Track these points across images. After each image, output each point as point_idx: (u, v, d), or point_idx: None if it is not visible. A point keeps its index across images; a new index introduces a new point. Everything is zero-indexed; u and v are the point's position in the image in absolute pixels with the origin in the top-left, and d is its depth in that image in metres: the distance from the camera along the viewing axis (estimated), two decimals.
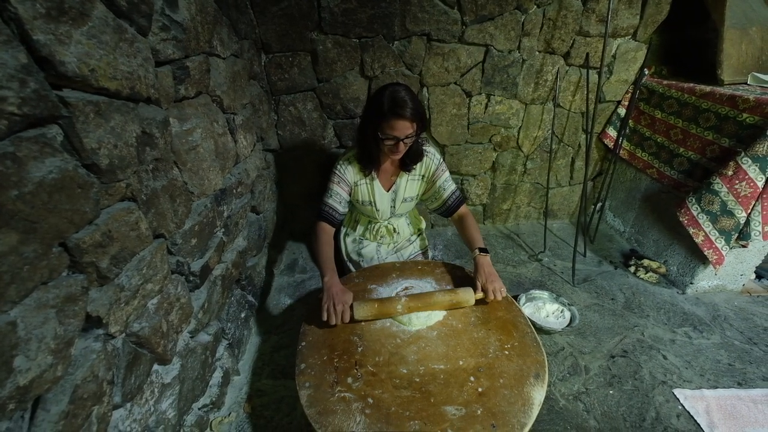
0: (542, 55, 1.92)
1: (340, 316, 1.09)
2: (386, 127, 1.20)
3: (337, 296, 1.12)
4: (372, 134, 1.25)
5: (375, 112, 1.22)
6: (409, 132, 1.21)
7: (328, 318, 1.08)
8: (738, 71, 1.79)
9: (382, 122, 1.20)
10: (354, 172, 1.42)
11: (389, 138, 1.22)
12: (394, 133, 1.20)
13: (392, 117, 1.18)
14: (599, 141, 2.25)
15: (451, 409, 0.88)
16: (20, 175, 0.51)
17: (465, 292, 1.18)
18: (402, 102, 1.17)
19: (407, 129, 1.20)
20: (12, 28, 0.51)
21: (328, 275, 1.19)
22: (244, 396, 1.29)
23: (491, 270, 1.23)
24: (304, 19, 1.64)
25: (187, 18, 0.98)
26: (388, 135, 1.21)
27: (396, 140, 1.22)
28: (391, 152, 1.27)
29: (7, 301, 0.50)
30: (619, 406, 1.28)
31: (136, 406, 0.81)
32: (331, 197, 1.39)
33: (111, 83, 0.68)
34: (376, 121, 1.22)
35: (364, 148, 1.34)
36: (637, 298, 1.80)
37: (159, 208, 0.87)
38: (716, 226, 1.58)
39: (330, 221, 1.38)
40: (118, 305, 0.73)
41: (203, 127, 1.10)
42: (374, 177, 1.44)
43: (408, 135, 1.22)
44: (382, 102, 1.19)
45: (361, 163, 1.39)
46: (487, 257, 1.28)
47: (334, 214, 1.39)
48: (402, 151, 1.27)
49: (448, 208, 1.47)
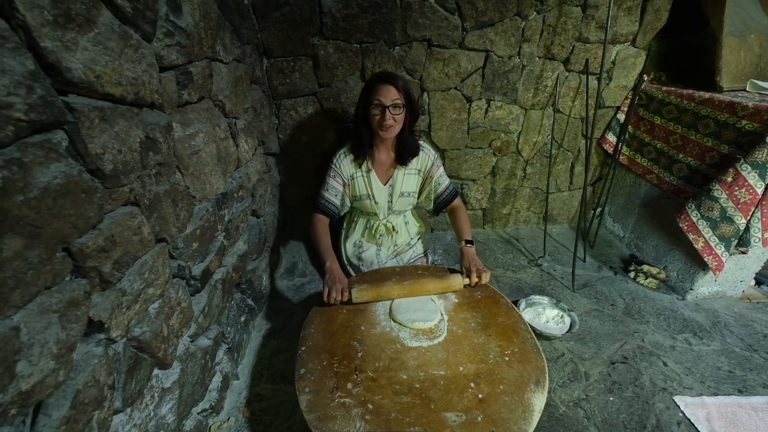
0: (542, 60, 1.93)
1: (340, 293, 1.18)
2: (373, 95, 1.28)
3: (337, 277, 1.23)
4: (363, 111, 1.33)
5: (365, 88, 1.33)
6: (395, 99, 1.27)
7: (329, 296, 1.17)
8: (737, 78, 1.80)
9: (371, 93, 1.29)
10: (349, 165, 1.46)
11: (376, 105, 1.28)
12: (381, 98, 1.26)
13: (379, 82, 1.28)
14: (599, 146, 2.26)
15: (451, 415, 0.88)
16: (26, 180, 0.52)
17: (453, 276, 1.29)
18: (390, 74, 1.31)
19: (393, 95, 1.26)
20: (20, 35, 0.51)
21: (329, 260, 1.29)
22: (243, 401, 1.29)
23: (475, 258, 1.35)
24: (306, 25, 1.66)
25: (191, 24, 0.99)
26: (375, 101, 1.27)
27: (383, 108, 1.27)
28: (380, 127, 1.31)
29: (11, 306, 0.51)
30: (620, 413, 1.28)
31: (137, 410, 0.81)
32: (327, 190, 1.46)
33: (116, 89, 0.69)
34: (365, 96, 1.31)
35: (357, 133, 1.40)
36: (637, 303, 1.80)
37: (161, 212, 0.88)
38: (716, 233, 1.59)
39: (326, 213, 1.45)
40: (119, 310, 0.73)
41: (205, 131, 1.10)
42: (370, 168, 1.46)
43: (395, 103, 1.27)
44: (372, 78, 1.32)
45: (355, 152, 1.43)
46: (472, 248, 1.38)
47: (330, 207, 1.45)
48: (389, 125, 1.31)
49: (443, 201, 1.54)
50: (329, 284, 1.20)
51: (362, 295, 1.22)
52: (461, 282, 1.28)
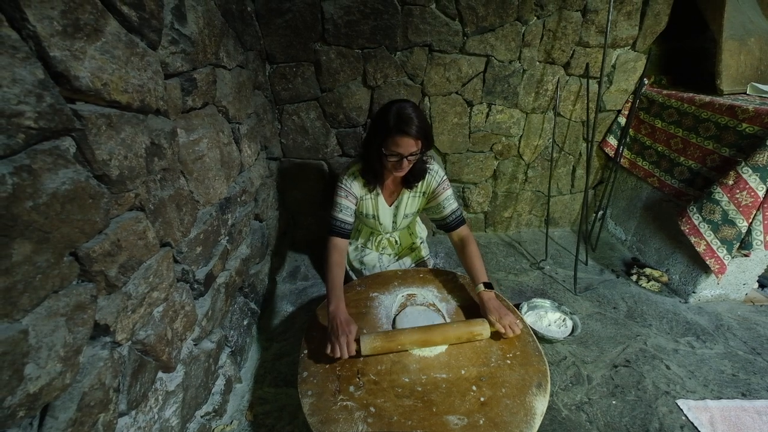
0: (543, 65, 1.94)
1: (345, 348, 1.02)
2: (391, 144, 1.18)
3: (341, 327, 1.06)
4: (376, 150, 1.23)
5: (380, 128, 1.20)
6: (413, 150, 1.19)
7: (332, 350, 1.03)
8: (737, 81, 1.81)
9: (387, 138, 1.18)
10: (359, 187, 1.40)
11: (393, 155, 1.20)
12: (399, 150, 1.18)
13: (397, 134, 1.16)
14: (600, 150, 2.27)
15: (453, 418, 0.88)
16: (35, 186, 0.53)
17: (480, 326, 1.10)
18: (408, 119, 1.15)
19: (411, 147, 1.18)
20: (30, 45, 0.53)
21: (334, 304, 1.14)
22: (246, 404, 1.29)
23: (498, 305, 1.17)
24: (308, 31, 1.68)
25: (195, 31, 1.00)
26: (393, 152, 1.19)
27: (400, 157, 1.20)
28: (395, 169, 1.25)
29: (20, 310, 0.52)
30: (623, 416, 1.27)
31: (141, 413, 0.81)
32: (341, 211, 1.35)
33: (122, 96, 0.70)
34: (381, 137, 1.20)
35: (369, 164, 1.32)
36: (639, 306, 1.80)
37: (166, 217, 0.89)
38: (718, 236, 1.59)
39: (342, 234, 1.35)
40: (125, 313, 0.74)
41: (209, 137, 1.12)
42: (379, 193, 1.44)
43: (412, 153, 1.19)
44: (388, 118, 1.17)
45: (365, 178, 1.37)
46: (492, 293, 1.21)
47: (345, 227, 1.36)
48: (405, 169, 1.25)
49: (447, 226, 1.43)
50: (333, 338, 1.04)
51: (372, 347, 1.05)
52: (489, 332, 1.10)
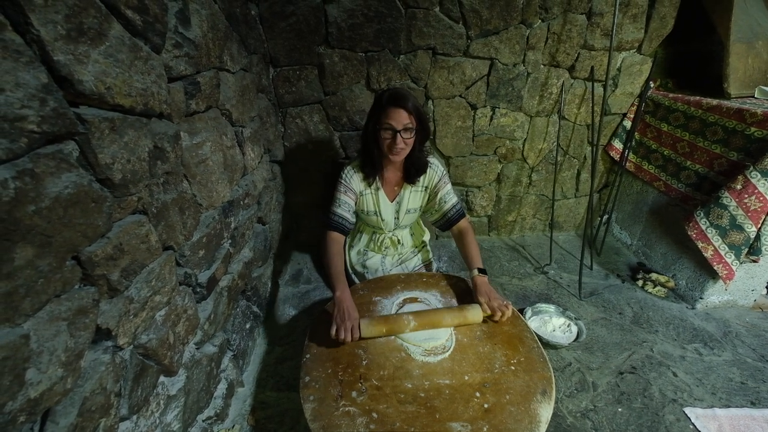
0: (547, 68, 1.93)
1: (349, 332, 1.06)
2: (384, 117, 1.24)
3: (347, 312, 1.11)
4: (372, 132, 1.29)
5: (375, 108, 1.28)
6: (406, 122, 1.22)
7: (337, 333, 1.06)
8: (745, 84, 1.79)
9: (381, 114, 1.25)
10: (359, 181, 1.43)
11: (387, 129, 1.24)
12: (391, 122, 1.23)
13: (390, 106, 1.22)
14: (605, 153, 2.25)
15: (456, 425, 0.87)
16: (38, 190, 0.53)
17: (473, 309, 1.17)
18: (401, 95, 1.23)
19: (404, 119, 1.22)
20: (34, 49, 0.53)
21: (339, 289, 1.18)
22: (248, 408, 1.29)
23: (490, 288, 1.24)
24: (312, 34, 1.68)
25: (199, 35, 1.01)
26: (386, 125, 1.24)
27: (393, 132, 1.23)
28: (390, 150, 1.28)
29: (22, 314, 0.51)
30: (629, 424, 1.25)
31: (142, 418, 0.81)
32: (339, 206, 1.40)
33: (126, 100, 0.70)
34: (375, 116, 1.27)
35: (366, 151, 1.36)
36: (645, 312, 1.77)
37: (168, 220, 0.89)
38: (726, 241, 1.57)
39: (340, 230, 1.39)
40: (127, 317, 0.74)
41: (212, 140, 1.12)
42: (379, 187, 1.45)
43: (406, 127, 1.23)
44: (382, 97, 1.26)
45: (364, 171, 1.41)
46: (485, 278, 1.28)
47: (344, 223, 1.40)
48: (400, 149, 1.27)
49: (448, 221, 1.47)
50: (338, 321, 1.08)
51: (372, 330, 1.11)
52: (481, 316, 1.16)
